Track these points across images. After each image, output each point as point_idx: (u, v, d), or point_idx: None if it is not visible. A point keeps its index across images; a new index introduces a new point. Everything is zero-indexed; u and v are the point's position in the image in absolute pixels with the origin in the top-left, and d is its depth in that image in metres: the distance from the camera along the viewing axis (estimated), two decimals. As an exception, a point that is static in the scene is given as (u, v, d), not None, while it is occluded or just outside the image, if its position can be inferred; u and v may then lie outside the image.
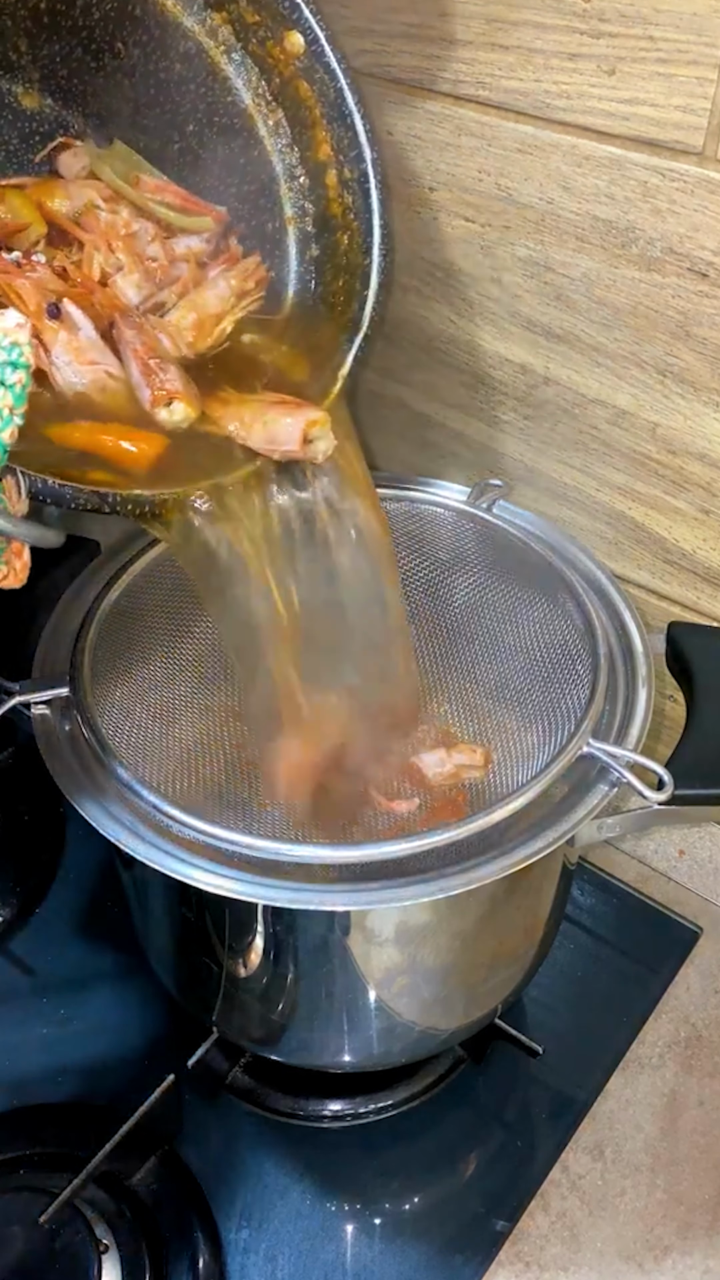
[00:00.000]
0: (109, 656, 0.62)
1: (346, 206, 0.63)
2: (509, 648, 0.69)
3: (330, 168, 0.63)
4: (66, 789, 0.54)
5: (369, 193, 0.62)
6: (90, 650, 0.60)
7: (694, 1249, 0.64)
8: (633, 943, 0.80)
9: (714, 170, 0.57)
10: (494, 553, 0.69)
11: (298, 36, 0.60)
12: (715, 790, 0.54)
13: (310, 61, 0.60)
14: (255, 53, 0.62)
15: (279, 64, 0.61)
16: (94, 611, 0.62)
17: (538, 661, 0.66)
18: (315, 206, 0.65)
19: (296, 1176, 0.68)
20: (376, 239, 0.63)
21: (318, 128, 0.62)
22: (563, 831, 0.52)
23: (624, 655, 0.61)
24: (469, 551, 0.70)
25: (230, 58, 0.62)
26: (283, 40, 0.60)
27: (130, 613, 0.64)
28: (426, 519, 0.71)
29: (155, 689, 0.66)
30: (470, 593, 0.71)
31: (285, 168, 0.64)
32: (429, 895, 0.50)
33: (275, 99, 0.63)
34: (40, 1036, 0.74)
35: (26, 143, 0.62)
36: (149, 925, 0.66)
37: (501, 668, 0.69)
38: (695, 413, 0.64)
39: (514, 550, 0.67)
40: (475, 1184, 0.68)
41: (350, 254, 0.64)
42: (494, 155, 0.64)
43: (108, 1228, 0.62)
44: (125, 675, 0.64)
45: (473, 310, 0.71)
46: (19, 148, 0.62)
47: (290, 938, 0.57)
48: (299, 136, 0.63)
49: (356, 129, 0.61)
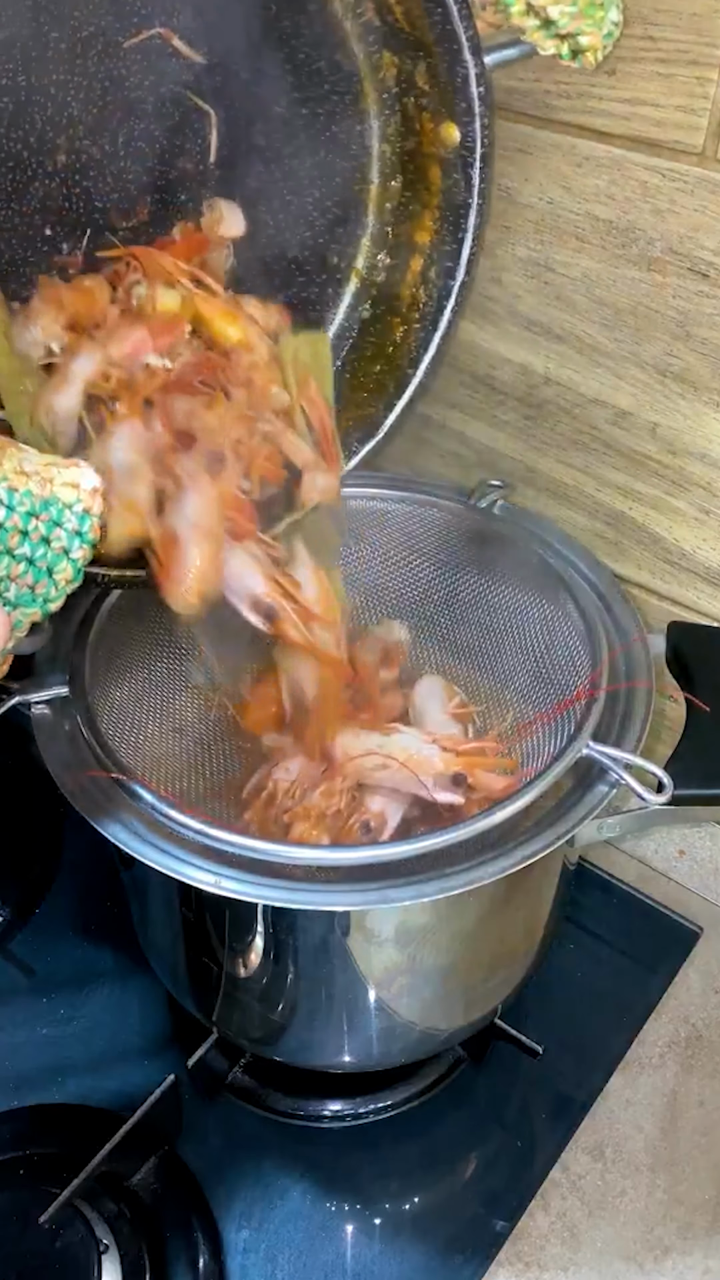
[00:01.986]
0: (109, 656, 0.62)
1: (416, 300, 0.61)
2: (509, 648, 0.69)
3: (421, 255, 0.60)
4: (66, 789, 0.54)
5: (443, 308, 0.60)
6: (90, 650, 0.60)
7: (694, 1249, 0.64)
8: (633, 943, 0.80)
9: (714, 170, 0.57)
10: (494, 553, 0.69)
11: (455, 131, 0.55)
12: (715, 790, 0.54)
13: (454, 159, 0.56)
14: (408, 110, 0.58)
15: (425, 136, 0.57)
16: (94, 611, 0.62)
17: (538, 662, 0.66)
18: (388, 277, 0.62)
19: (296, 1176, 0.68)
20: (428, 356, 0.61)
21: (428, 214, 0.59)
22: (563, 832, 0.52)
23: (624, 655, 0.61)
24: (469, 552, 0.70)
25: (381, 96, 0.58)
26: (439, 125, 0.56)
27: (130, 613, 0.64)
28: (426, 520, 0.71)
29: (155, 689, 0.66)
30: (470, 593, 0.71)
31: (378, 223, 0.62)
32: (429, 895, 0.50)
33: (401, 162, 0.60)
34: (40, 1036, 0.74)
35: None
36: (149, 925, 0.66)
37: (501, 668, 0.69)
38: (695, 413, 0.64)
39: (514, 551, 0.67)
40: (475, 1184, 0.68)
41: (397, 350, 0.62)
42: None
43: (108, 1228, 0.62)
44: (125, 675, 0.64)
45: (473, 310, 0.71)
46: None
47: (290, 938, 0.57)
48: (407, 207, 0.60)
49: (463, 248, 0.58)
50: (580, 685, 0.60)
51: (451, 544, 0.71)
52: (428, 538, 0.71)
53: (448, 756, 0.60)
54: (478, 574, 0.70)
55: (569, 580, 0.64)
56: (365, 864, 0.51)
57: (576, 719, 0.57)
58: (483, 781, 0.59)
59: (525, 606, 0.67)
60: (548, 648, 0.65)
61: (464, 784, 0.59)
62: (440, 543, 0.71)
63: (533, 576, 0.66)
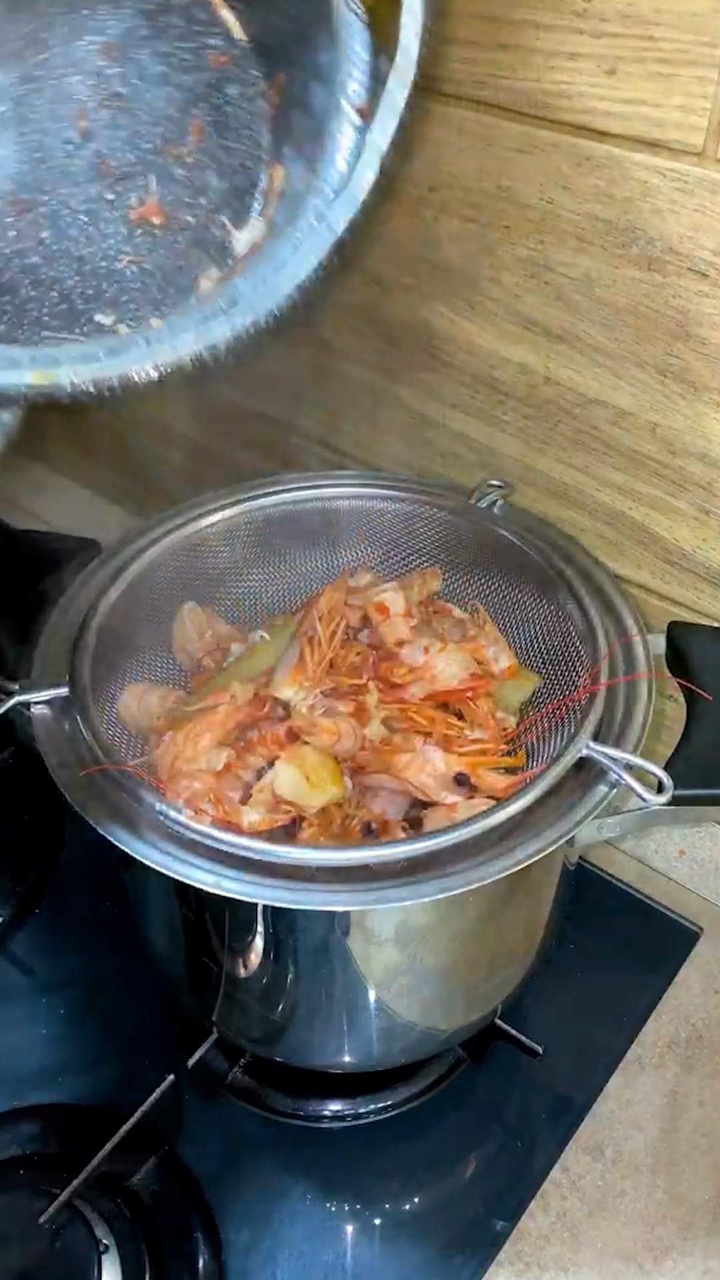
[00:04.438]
0: (109, 656, 0.62)
1: None
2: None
3: None
4: (66, 789, 0.54)
5: None
6: (90, 650, 0.60)
7: (694, 1249, 0.64)
8: (633, 943, 0.80)
9: (714, 170, 0.57)
10: (494, 553, 0.69)
11: None
12: (715, 790, 0.54)
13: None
14: None
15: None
16: (94, 611, 0.62)
17: (537, 662, 0.66)
18: None
19: (296, 1176, 0.68)
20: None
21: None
22: (563, 832, 0.52)
23: (624, 655, 0.61)
24: (469, 552, 0.70)
25: None
26: None
27: (130, 613, 0.64)
28: (426, 519, 0.71)
29: (155, 689, 0.66)
30: (470, 593, 0.71)
31: None
32: (429, 895, 0.50)
33: None
34: (40, 1036, 0.74)
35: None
36: (149, 925, 0.66)
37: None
38: (695, 413, 0.64)
39: (514, 551, 0.67)
40: (475, 1184, 0.68)
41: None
42: (494, 155, 0.64)
43: (108, 1228, 0.62)
44: (125, 675, 0.64)
45: (473, 310, 0.71)
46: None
47: (290, 938, 0.57)
48: None
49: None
50: (581, 681, 0.60)
51: (451, 544, 0.71)
52: (427, 538, 0.71)
53: (450, 756, 0.60)
54: (478, 575, 0.70)
55: (569, 580, 0.64)
56: (365, 864, 0.51)
57: (576, 719, 0.57)
58: (485, 781, 0.59)
59: (525, 605, 0.67)
60: (547, 648, 0.65)
61: (467, 783, 0.59)
62: (440, 543, 0.71)
63: (533, 576, 0.66)
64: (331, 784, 0.58)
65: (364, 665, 0.64)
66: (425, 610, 0.68)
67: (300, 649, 0.62)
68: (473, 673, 0.63)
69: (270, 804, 0.57)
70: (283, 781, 0.57)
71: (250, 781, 0.59)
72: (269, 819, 0.57)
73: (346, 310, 0.77)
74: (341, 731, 0.59)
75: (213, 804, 0.55)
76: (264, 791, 0.57)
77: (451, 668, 0.63)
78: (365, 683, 0.62)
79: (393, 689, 0.63)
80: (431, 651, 0.64)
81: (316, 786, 0.57)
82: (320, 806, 0.58)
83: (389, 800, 0.61)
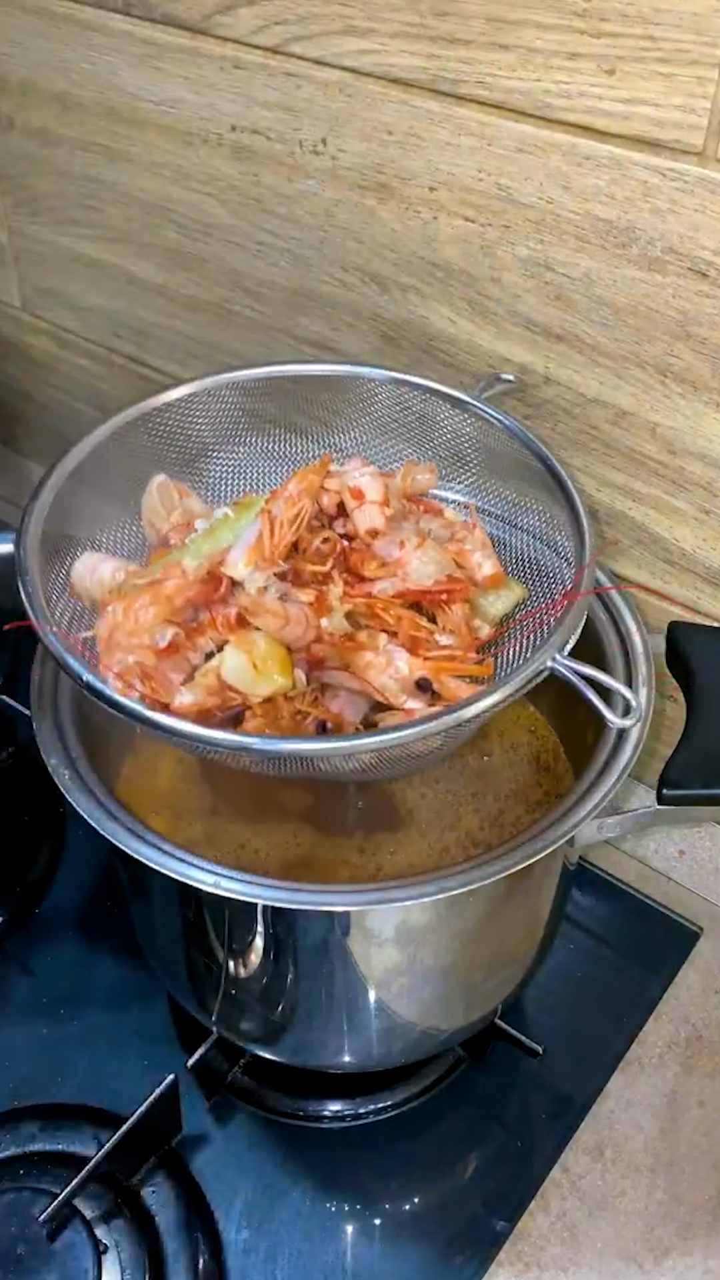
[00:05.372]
0: (71, 524, 0.58)
1: None
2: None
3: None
4: (65, 788, 0.54)
5: None
6: (46, 508, 0.56)
7: (694, 1249, 0.64)
8: (633, 943, 0.80)
9: (714, 170, 0.57)
10: (493, 453, 0.64)
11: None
12: (715, 790, 0.54)
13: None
14: None
15: None
16: (54, 469, 0.58)
17: (531, 579, 0.63)
18: None
19: (296, 1176, 0.68)
20: None
21: None
22: (563, 831, 0.52)
23: (624, 655, 0.61)
24: (475, 453, 0.66)
25: None
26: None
27: (101, 478, 0.60)
28: (426, 412, 0.66)
29: (109, 560, 0.63)
30: (468, 496, 0.66)
31: None
32: (429, 895, 0.50)
33: None
34: (40, 1036, 0.74)
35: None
36: (149, 925, 0.66)
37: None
38: (695, 413, 0.64)
39: (512, 448, 0.63)
40: (475, 1184, 0.68)
41: None
42: (494, 155, 0.64)
43: (108, 1228, 0.62)
44: (87, 546, 0.60)
45: (473, 310, 0.71)
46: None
47: (290, 938, 0.57)
48: None
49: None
50: (563, 595, 0.56)
51: (447, 438, 0.66)
52: (421, 428, 0.67)
53: (415, 659, 0.56)
54: (479, 476, 0.66)
55: (564, 482, 0.60)
56: (314, 755, 0.49)
57: (549, 632, 0.53)
58: (449, 688, 0.55)
59: (520, 510, 0.64)
60: (538, 559, 0.62)
61: (429, 689, 0.55)
62: (444, 442, 0.67)
63: (536, 481, 0.62)
64: (279, 673, 0.54)
65: (331, 553, 0.59)
66: (411, 506, 0.63)
67: (260, 528, 0.57)
68: (450, 575, 0.58)
69: (213, 688, 0.54)
70: (229, 666, 0.53)
71: (199, 664, 0.55)
72: (205, 702, 0.53)
73: (347, 310, 0.77)
74: (290, 616, 0.54)
75: (142, 680, 0.52)
76: (208, 675, 0.54)
77: (427, 566, 0.58)
78: (329, 570, 0.57)
79: (361, 582, 0.58)
80: (408, 547, 0.58)
81: (263, 674, 0.53)
82: (266, 696, 0.54)
83: (348, 701, 0.57)
